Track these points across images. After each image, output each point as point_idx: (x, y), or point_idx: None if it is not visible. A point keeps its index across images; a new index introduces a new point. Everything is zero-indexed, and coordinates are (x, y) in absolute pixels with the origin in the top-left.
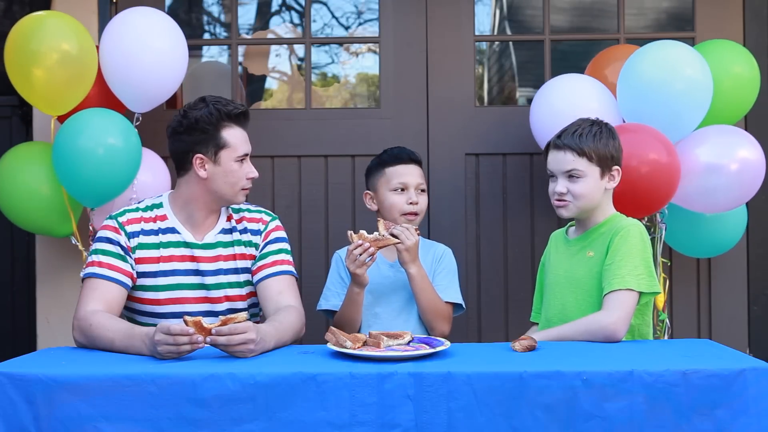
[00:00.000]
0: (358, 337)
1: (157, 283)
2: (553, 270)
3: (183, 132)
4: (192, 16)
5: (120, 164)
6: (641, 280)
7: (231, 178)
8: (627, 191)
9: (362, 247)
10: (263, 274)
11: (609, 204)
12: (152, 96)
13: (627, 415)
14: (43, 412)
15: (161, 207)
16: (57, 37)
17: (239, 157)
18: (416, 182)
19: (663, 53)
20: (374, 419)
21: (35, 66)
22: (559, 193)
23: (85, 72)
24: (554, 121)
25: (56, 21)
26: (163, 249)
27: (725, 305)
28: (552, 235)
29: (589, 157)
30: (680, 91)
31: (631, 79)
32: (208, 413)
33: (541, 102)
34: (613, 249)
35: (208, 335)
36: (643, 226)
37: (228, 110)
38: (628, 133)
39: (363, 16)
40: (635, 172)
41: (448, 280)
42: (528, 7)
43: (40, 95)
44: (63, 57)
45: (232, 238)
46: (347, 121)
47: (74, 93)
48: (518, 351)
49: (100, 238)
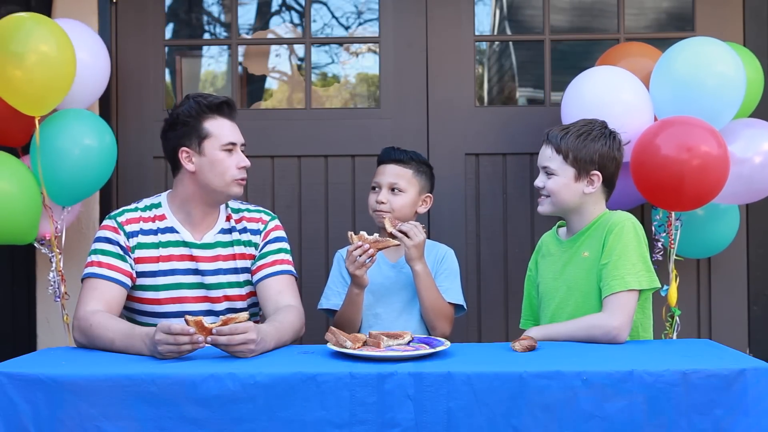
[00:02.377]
0: (358, 337)
1: (156, 282)
2: (546, 274)
3: (169, 129)
4: (192, 16)
5: (95, 164)
6: (641, 278)
7: (218, 167)
8: (677, 185)
9: (362, 248)
10: (263, 273)
11: (596, 207)
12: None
13: (627, 415)
14: (43, 412)
15: (159, 207)
16: (36, 38)
17: (224, 146)
18: (388, 181)
19: (696, 49)
20: (374, 419)
21: (14, 67)
22: (536, 186)
23: (64, 73)
24: (586, 114)
25: (34, 23)
26: (162, 248)
27: (725, 305)
28: (541, 239)
29: (564, 155)
30: (713, 87)
31: (665, 75)
32: (209, 413)
33: (572, 95)
34: (608, 247)
35: (208, 335)
36: (636, 220)
37: (208, 101)
38: (678, 125)
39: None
40: (687, 165)
41: (450, 281)
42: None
43: (19, 96)
44: (42, 58)
45: (232, 238)
46: (347, 121)
47: (54, 94)
48: (518, 351)
49: (99, 238)
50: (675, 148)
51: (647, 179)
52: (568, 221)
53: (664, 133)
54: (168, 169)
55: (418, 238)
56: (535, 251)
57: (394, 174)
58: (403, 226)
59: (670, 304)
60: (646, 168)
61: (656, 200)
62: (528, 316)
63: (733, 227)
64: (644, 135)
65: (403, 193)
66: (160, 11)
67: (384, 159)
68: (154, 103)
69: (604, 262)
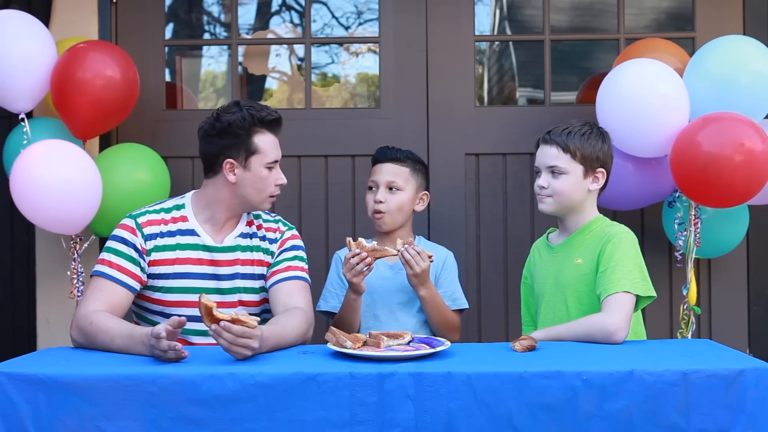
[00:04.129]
0: (358, 337)
1: (169, 285)
2: (540, 279)
3: (215, 135)
4: (192, 16)
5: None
6: (636, 284)
7: (260, 185)
8: (717, 182)
9: (359, 256)
10: (276, 278)
11: (592, 206)
12: (26, 94)
13: (627, 415)
14: (43, 412)
15: (183, 208)
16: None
17: (269, 163)
18: (386, 180)
19: (731, 47)
20: (374, 419)
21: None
22: (540, 186)
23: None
24: (623, 108)
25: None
26: (179, 251)
27: (725, 305)
28: (533, 246)
29: (573, 154)
30: (747, 85)
31: (699, 73)
32: (209, 413)
33: (608, 89)
34: (606, 257)
35: (214, 324)
36: (632, 232)
37: (261, 116)
38: (723, 121)
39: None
40: (729, 161)
41: (454, 286)
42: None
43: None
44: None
45: (252, 243)
46: (347, 121)
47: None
48: (518, 351)
49: (115, 237)
50: (723, 143)
51: (690, 174)
52: (564, 221)
53: (710, 129)
54: (170, 169)
55: (419, 267)
56: (528, 259)
57: (391, 172)
58: (406, 253)
59: (690, 301)
60: (691, 164)
61: (698, 196)
62: (528, 322)
63: (744, 227)
64: (688, 130)
65: (401, 191)
66: (160, 11)
67: (380, 158)
68: (155, 103)
69: (602, 270)
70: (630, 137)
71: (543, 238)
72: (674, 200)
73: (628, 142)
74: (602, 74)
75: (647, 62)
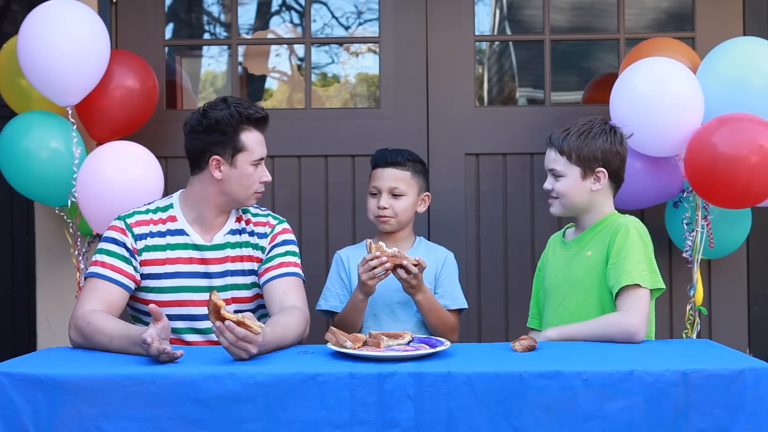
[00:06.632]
0: (358, 337)
1: (161, 285)
2: (551, 273)
3: (202, 131)
4: (192, 16)
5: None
6: (644, 276)
7: (245, 181)
8: (732, 183)
9: (379, 260)
10: (269, 275)
11: (605, 204)
12: (74, 88)
13: (627, 415)
14: (43, 412)
15: (171, 208)
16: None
17: (255, 161)
18: (388, 186)
19: (743, 49)
20: (374, 419)
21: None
22: (546, 189)
23: None
24: (637, 107)
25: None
26: (169, 251)
27: (725, 305)
28: (550, 238)
29: (568, 156)
30: (760, 87)
31: (711, 74)
32: (209, 413)
33: (622, 88)
34: (615, 249)
35: (218, 321)
36: (642, 223)
37: (249, 114)
38: (740, 122)
39: (363, 16)
40: (746, 162)
41: (453, 286)
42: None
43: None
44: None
45: (241, 239)
46: (347, 121)
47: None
48: (518, 351)
49: (106, 238)
50: (739, 144)
51: (705, 174)
52: (578, 220)
53: (726, 129)
54: (169, 169)
55: (415, 281)
56: (545, 250)
57: (393, 178)
58: (400, 270)
59: (696, 302)
60: (706, 164)
61: (713, 196)
62: (535, 315)
63: (747, 227)
64: (703, 130)
65: (404, 196)
66: (160, 11)
67: (380, 163)
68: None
69: (613, 262)
70: (644, 136)
71: (560, 233)
72: (680, 200)
73: (643, 141)
74: (608, 74)
75: (662, 60)
